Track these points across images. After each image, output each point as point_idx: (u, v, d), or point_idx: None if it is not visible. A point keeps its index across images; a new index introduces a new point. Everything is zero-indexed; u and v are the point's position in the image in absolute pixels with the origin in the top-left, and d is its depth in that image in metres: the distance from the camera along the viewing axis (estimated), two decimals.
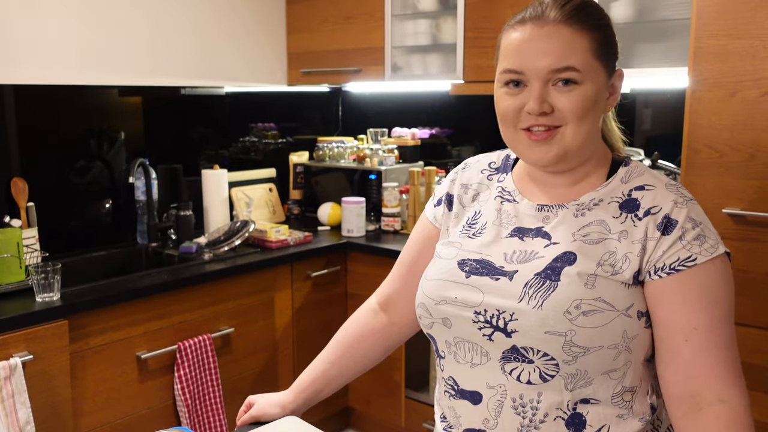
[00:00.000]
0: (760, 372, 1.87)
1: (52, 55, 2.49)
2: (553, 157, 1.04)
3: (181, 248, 2.57)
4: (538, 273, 1.03)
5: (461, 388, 1.10)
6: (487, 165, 1.23)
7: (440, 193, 1.26)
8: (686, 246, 1.00)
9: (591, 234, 1.05)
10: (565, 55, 1.01)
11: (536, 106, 1.01)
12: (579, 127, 1.03)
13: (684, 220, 1.01)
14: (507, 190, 1.16)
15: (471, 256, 1.11)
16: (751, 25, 1.80)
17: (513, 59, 1.03)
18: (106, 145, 2.72)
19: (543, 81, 1.02)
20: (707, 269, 1.00)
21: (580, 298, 0.99)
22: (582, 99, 1.01)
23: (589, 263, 1.02)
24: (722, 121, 1.87)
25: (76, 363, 2.01)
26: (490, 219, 1.15)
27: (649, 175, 1.08)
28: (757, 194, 1.83)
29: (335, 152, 3.23)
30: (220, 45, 3.02)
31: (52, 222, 2.52)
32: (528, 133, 1.04)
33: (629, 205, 1.05)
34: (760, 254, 1.84)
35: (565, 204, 1.09)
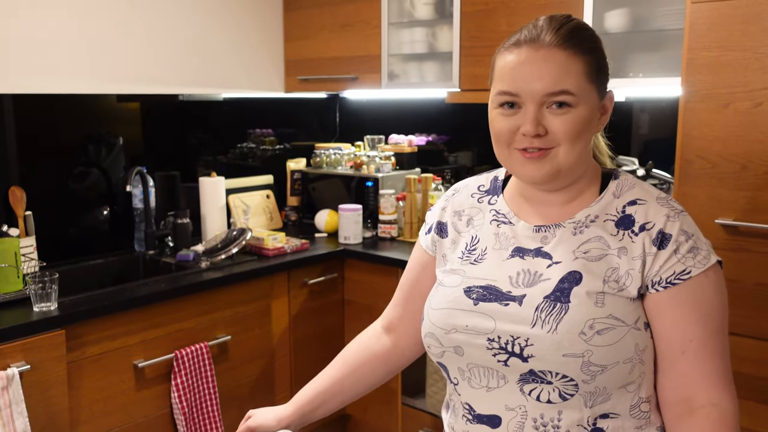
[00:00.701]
0: (751, 381, 1.88)
1: (51, 63, 2.50)
2: (545, 174, 1.06)
3: (178, 256, 2.58)
4: (548, 296, 1.04)
5: (478, 413, 1.11)
6: (477, 188, 1.24)
7: (431, 221, 1.27)
8: (681, 259, 1.03)
9: (592, 251, 1.06)
10: (560, 79, 1.02)
11: (532, 129, 1.03)
12: (572, 148, 1.05)
13: (677, 234, 1.04)
14: (501, 213, 1.17)
15: (477, 283, 1.12)
16: (744, 37, 1.81)
17: (508, 82, 1.05)
18: (105, 151, 2.74)
19: (538, 104, 1.03)
20: (701, 281, 1.03)
21: (593, 318, 1.01)
22: (576, 122, 1.04)
23: (595, 281, 1.04)
24: (715, 133, 1.88)
25: (73, 372, 2.02)
26: (490, 244, 1.15)
27: (640, 189, 1.11)
28: (749, 205, 1.85)
29: (332, 159, 3.24)
30: (217, 52, 3.03)
31: (50, 230, 2.53)
32: (522, 152, 1.06)
33: (625, 222, 1.07)
34: (752, 264, 1.85)
35: (562, 223, 1.11)
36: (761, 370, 1.86)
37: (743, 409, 1.89)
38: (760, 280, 1.84)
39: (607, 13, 2.31)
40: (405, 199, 2.94)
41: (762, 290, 1.84)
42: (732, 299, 1.87)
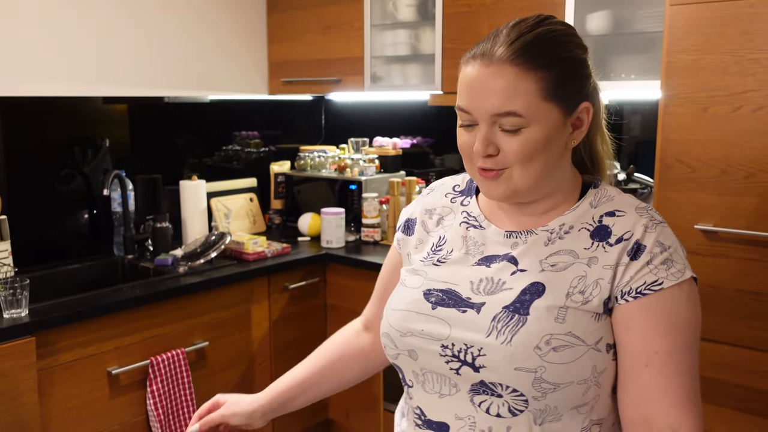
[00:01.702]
0: (728, 388, 1.85)
1: (36, 66, 2.48)
2: (501, 194, 1.03)
3: (156, 261, 2.55)
4: (507, 306, 1.01)
5: (428, 418, 1.08)
6: (452, 188, 1.21)
7: (402, 219, 1.25)
8: (653, 270, 0.98)
9: (559, 263, 1.03)
10: (508, 99, 0.97)
11: (481, 149, 1.00)
12: (526, 170, 1.00)
13: (653, 245, 1.00)
14: (472, 215, 1.14)
15: (437, 286, 1.08)
16: (722, 39, 1.79)
17: (462, 98, 1.01)
18: (91, 153, 2.71)
19: (489, 123, 0.99)
20: (673, 294, 0.98)
21: (550, 333, 0.97)
22: (528, 143, 0.98)
23: (558, 295, 1.00)
24: (694, 136, 1.86)
25: (44, 380, 1.99)
26: (456, 246, 1.12)
27: (620, 200, 1.06)
28: (729, 210, 1.82)
29: (316, 162, 3.21)
30: (202, 55, 3.00)
31: (30, 234, 2.50)
32: (480, 171, 1.03)
33: (600, 233, 1.03)
34: (732, 271, 1.83)
35: (534, 230, 1.07)
36: (739, 377, 1.84)
37: (721, 417, 1.88)
38: (739, 287, 1.82)
39: (589, 15, 2.29)
40: (388, 202, 2.92)
41: (741, 297, 1.82)
42: (711, 305, 1.86)
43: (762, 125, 1.75)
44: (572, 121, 1.02)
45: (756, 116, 1.76)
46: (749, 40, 1.75)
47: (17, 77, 2.44)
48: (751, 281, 1.80)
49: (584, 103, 1.03)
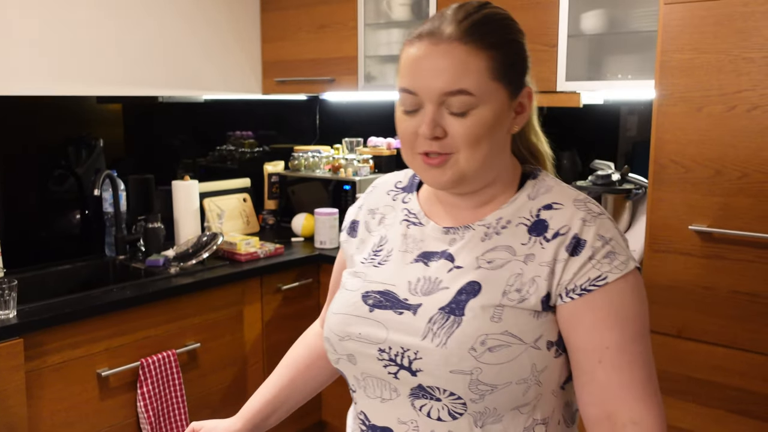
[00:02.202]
0: (723, 390, 1.84)
1: (29, 66, 2.45)
2: (447, 181, 0.99)
3: (148, 262, 2.53)
4: (443, 307, 0.98)
5: (372, 423, 1.06)
6: (394, 185, 1.18)
7: (347, 220, 1.21)
8: (596, 265, 0.96)
9: (496, 260, 1.00)
10: (459, 78, 0.94)
11: (428, 131, 0.96)
12: (473, 153, 0.97)
13: (593, 239, 0.97)
14: (413, 212, 1.11)
15: (375, 288, 1.06)
16: (716, 39, 1.77)
17: (408, 79, 0.97)
18: (85, 153, 2.69)
19: (436, 103, 0.96)
20: (618, 287, 0.96)
21: (485, 333, 0.95)
22: (476, 124, 0.96)
23: (493, 293, 0.97)
24: (688, 136, 1.84)
25: (32, 382, 1.97)
26: (396, 245, 1.09)
27: (557, 191, 1.04)
28: (723, 211, 1.81)
29: (310, 162, 3.19)
30: (195, 54, 2.99)
31: (20, 234, 2.48)
32: (424, 157, 0.99)
33: (538, 228, 1.01)
34: (726, 272, 1.81)
35: (471, 225, 1.04)
36: (733, 379, 1.82)
37: (715, 419, 1.86)
38: (734, 288, 1.81)
39: (583, 14, 2.27)
40: None
41: (736, 298, 1.80)
42: (705, 307, 1.85)
43: (756, 125, 1.74)
44: (515, 107, 1.01)
45: (750, 116, 1.74)
46: (743, 39, 1.74)
47: (9, 76, 2.42)
48: (745, 282, 1.79)
49: (526, 87, 1.02)
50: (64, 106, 2.61)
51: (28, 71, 2.48)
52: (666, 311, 1.91)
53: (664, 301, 1.91)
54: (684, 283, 1.88)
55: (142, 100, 2.83)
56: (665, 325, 1.91)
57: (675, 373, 1.91)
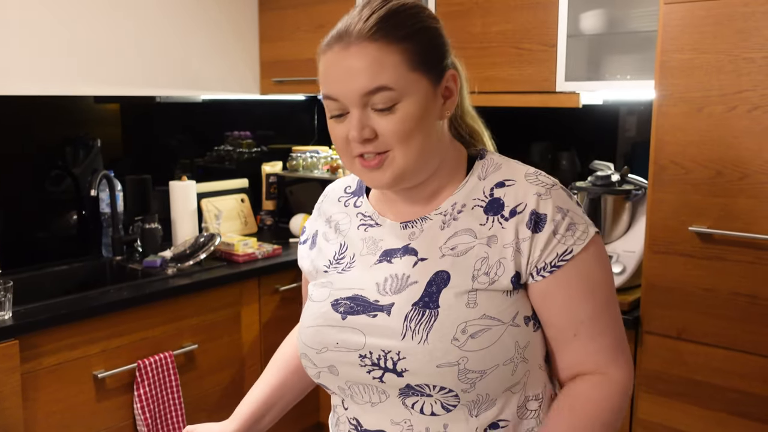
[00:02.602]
0: (723, 392, 1.83)
1: (26, 65, 2.44)
2: (389, 181, 0.98)
3: (145, 262, 2.52)
4: (416, 303, 0.97)
5: (365, 428, 1.05)
6: (343, 190, 1.16)
7: (306, 233, 1.19)
8: (561, 239, 0.97)
9: (459, 246, 1.00)
10: (375, 75, 0.93)
11: (357, 134, 0.95)
12: (408, 148, 0.96)
13: (553, 212, 0.97)
14: (367, 215, 1.10)
15: (343, 294, 1.04)
16: (716, 39, 1.76)
17: (327, 86, 0.97)
18: (82, 153, 2.68)
19: (360, 106, 0.94)
20: (584, 257, 0.98)
21: (465, 321, 0.95)
22: (404, 119, 0.94)
23: (463, 279, 0.97)
24: (688, 137, 1.83)
25: (28, 384, 1.95)
26: (357, 250, 1.08)
27: (507, 168, 1.04)
28: (724, 212, 1.80)
29: (308, 162, 3.18)
30: (193, 54, 2.97)
31: (17, 235, 2.47)
32: (361, 160, 0.98)
33: (494, 207, 1.00)
34: (727, 273, 1.80)
35: (428, 215, 1.04)
36: (733, 381, 1.81)
37: (715, 422, 1.85)
38: (734, 290, 1.80)
39: (583, 14, 2.26)
40: None
41: (736, 300, 1.79)
42: (705, 308, 1.84)
43: (757, 125, 1.73)
44: (441, 92, 1.00)
45: (751, 116, 1.73)
46: (744, 39, 1.73)
47: (6, 76, 2.41)
48: (746, 284, 1.78)
49: (449, 71, 1.01)
50: (61, 106, 2.60)
51: (25, 71, 2.46)
52: (666, 313, 1.90)
53: (664, 303, 1.90)
54: (684, 285, 1.87)
55: (140, 100, 2.82)
56: (665, 327, 1.90)
57: (675, 375, 1.90)
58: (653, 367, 1.93)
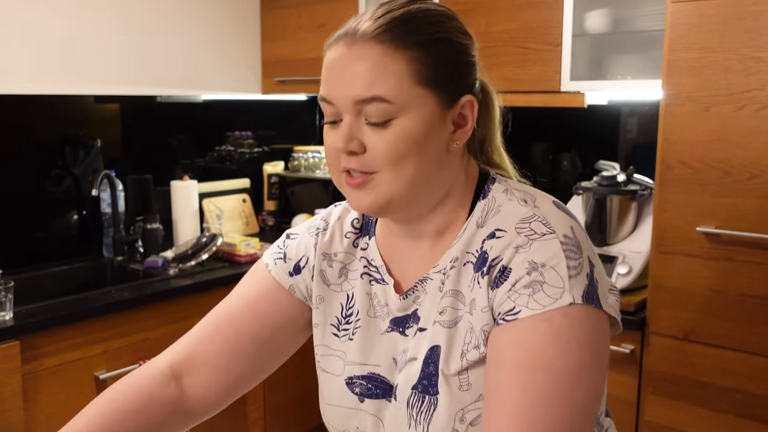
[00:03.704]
0: (731, 394, 1.81)
1: (26, 64, 2.42)
2: (369, 205, 0.84)
3: (146, 263, 2.50)
4: (414, 386, 0.86)
5: None
6: (351, 226, 0.99)
7: (298, 255, 1.00)
8: (512, 296, 0.79)
9: (448, 313, 0.86)
10: (373, 82, 0.80)
11: (341, 144, 0.83)
12: (397, 174, 0.82)
13: (519, 266, 0.80)
14: (374, 265, 0.95)
15: (357, 372, 0.92)
16: (725, 38, 1.75)
17: (324, 87, 0.85)
18: (82, 153, 2.66)
19: (353, 114, 0.82)
20: (534, 325, 0.77)
21: (462, 408, 0.83)
22: (398, 138, 0.81)
23: (454, 356, 0.84)
24: (696, 137, 1.82)
25: (28, 385, 1.93)
26: (362, 308, 0.94)
27: (506, 212, 0.86)
28: (732, 212, 1.78)
29: (310, 162, 3.17)
30: (194, 53, 2.95)
31: (18, 235, 2.45)
32: (347, 176, 0.85)
33: (479, 263, 0.85)
34: (735, 274, 1.79)
35: (429, 275, 0.89)
36: (742, 383, 1.80)
37: (723, 424, 1.84)
38: (743, 291, 1.78)
39: (588, 13, 2.25)
40: None
41: (745, 301, 1.78)
42: (713, 310, 1.82)
43: (765, 125, 1.71)
44: (453, 118, 0.86)
45: (759, 116, 1.72)
46: (752, 38, 1.71)
47: (5, 74, 2.39)
48: (754, 285, 1.76)
49: (466, 96, 0.86)
50: (61, 106, 2.58)
51: (25, 70, 2.44)
52: (673, 314, 1.88)
53: (671, 304, 1.88)
54: (691, 286, 1.85)
55: (140, 100, 2.80)
56: (672, 328, 1.89)
57: (682, 377, 1.88)
58: (660, 369, 1.92)
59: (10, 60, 2.40)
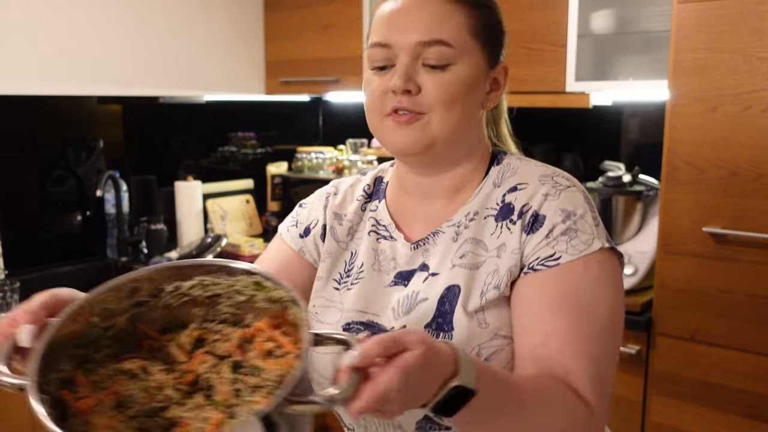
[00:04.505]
0: (735, 394, 1.81)
1: (28, 64, 2.42)
2: (415, 142, 0.90)
3: (151, 263, 2.50)
4: (428, 325, 0.90)
5: None
6: (362, 191, 1.06)
7: (309, 219, 1.07)
8: (551, 243, 0.87)
9: (469, 257, 0.92)
10: (437, 27, 0.89)
11: (401, 83, 0.88)
12: (447, 115, 0.89)
13: (553, 213, 0.88)
14: (382, 224, 1.01)
15: (355, 318, 0.96)
16: (731, 38, 1.75)
17: (381, 32, 0.91)
18: (84, 154, 2.66)
19: (411, 56, 0.89)
20: (574, 270, 0.85)
21: (478, 344, 0.87)
22: (453, 81, 0.89)
23: (474, 295, 0.89)
24: (703, 137, 1.82)
25: None
26: (367, 261, 0.99)
27: (523, 171, 0.95)
28: (738, 212, 1.78)
29: (314, 163, 3.17)
30: (198, 54, 2.95)
31: (21, 236, 2.45)
32: (393, 115, 0.90)
33: (504, 213, 0.92)
34: (741, 274, 1.79)
35: (441, 228, 0.96)
36: (747, 383, 1.80)
37: (728, 424, 1.84)
38: (749, 291, 1.78)
39: (593, 14, 2.25)
40: None
41: (751, 301, 1.78)
42: (720, 310, 1.82)
43: None
44: (490, 80, 0.95)
45: (766, 116, 1.72)
46: (759, 39, 1.71)
47: (8, 75, 2.39)
48: (761, 285, 1.76)
49: (502, 63, 0.97)
50: (63, 107, 2.58)
51: (28, 70, 2.44)
52: (679, 314, 1.88)
53: (677, 304, 1.88)
54: (697, 286, 1.85)
55: (143, 101, 2.80)
56: (678, 329, 1.89)
57: (688, 378, 1.88)
58: (666, 370, 1.92)
59: (13, 60, 2.40)
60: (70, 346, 0.74)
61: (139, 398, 0.72)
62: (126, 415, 0.71)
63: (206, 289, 0.79)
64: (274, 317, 0.76)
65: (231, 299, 0.79)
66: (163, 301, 0.79)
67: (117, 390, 0.73)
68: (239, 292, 0.78)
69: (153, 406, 0.72)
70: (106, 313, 0.78)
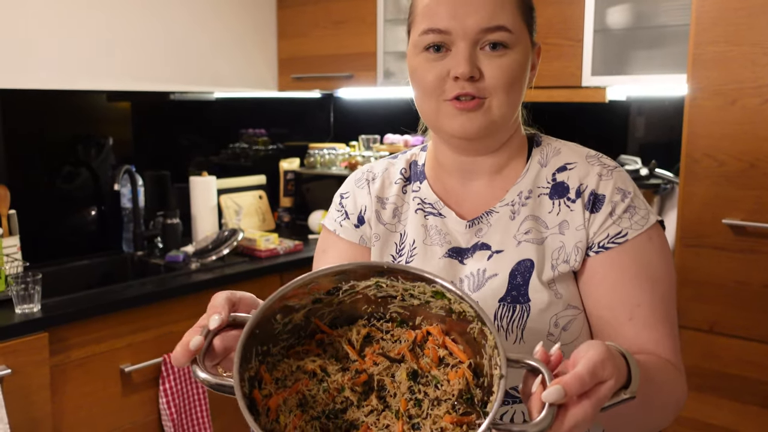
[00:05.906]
0: (755, 385, 1.82)
1: (40, 60, 2.43)
2: (478, 127, 0.91)
3: (167, 257, 2.51)
4: (503, 298, 0.92)
5: None
6: (400, 174, 1.06)
7: (357, 208, 1.06)
8: (616, 221, 0.92)
9: (532, 231, 0.95)
10: (497, 13, 0.89)
11: (467, 69, 0.88)
12: (507, 98, 0.91)
13: (612, 192, 0.93)
14: (428, 202, 1.02)
15: None
16: (751, 31, 1.76)
17: (436, 18, 0.90)
18: (94, 150, 2.66)
19: (471, 42, 0.89)
20: (641, 243, 0.92)
21: (555, 314, 0.91)
22: (513, 66, 0.91)
23: (546, 268, 0.93)
24: (722, 130, 1.83)
25: (56, 377, 1.94)
26: (418, 237, 1.00)
27: (567, 151, 0.99)
28: (758, 204, 1.79)
29: (326, 159, 3.18)
30: (209, 50, 2.97)
31: (36, 230, 2.46)
32: (455, 102, 0.91)
33: (558, 191, 0.96)
34: (760, 266, 1.80)
35: (494, 209, 0.98)
36: (766, 374, 1.81)
37: (747, 415, 1.84)
38: (767, 282, 1.79)
39: (610, 9, 2.26)
40: None
41: None
42: (738, 301, 1.83)
43: None
44: (532, 60, 0.97)
45: None
46: None
47: (20, 71, 2.40)
48: None
49: (538, 45, 0.99)
50: (73, 104, 2.58)
51: (39, 65, 2.46)
52: (698, 306, 1.89)
53: (696, 296, 1.89)
54: (716, 278, 1.86)
55: (153, 98, 2.80)
56: (697, 320, 1.90)
57: (707, 369, 1.89)
58: (685, 361, 1.90)
59: (26, 55, 2.42)
60: (256, 342, 0.77)
61: (321, 399, 0.75)
62: (309, 415, 0.74)
63: (380, 290, 0.80)
64: (448, 326, 0.78)
65: (404, 301, 0.80)
66: (339, 299, 0.81)
67: (299, 388, 0.76)
68: (414, 296, 0.79)
69: (335, 408, 0.74)
70: (287, 309, 0.80)
